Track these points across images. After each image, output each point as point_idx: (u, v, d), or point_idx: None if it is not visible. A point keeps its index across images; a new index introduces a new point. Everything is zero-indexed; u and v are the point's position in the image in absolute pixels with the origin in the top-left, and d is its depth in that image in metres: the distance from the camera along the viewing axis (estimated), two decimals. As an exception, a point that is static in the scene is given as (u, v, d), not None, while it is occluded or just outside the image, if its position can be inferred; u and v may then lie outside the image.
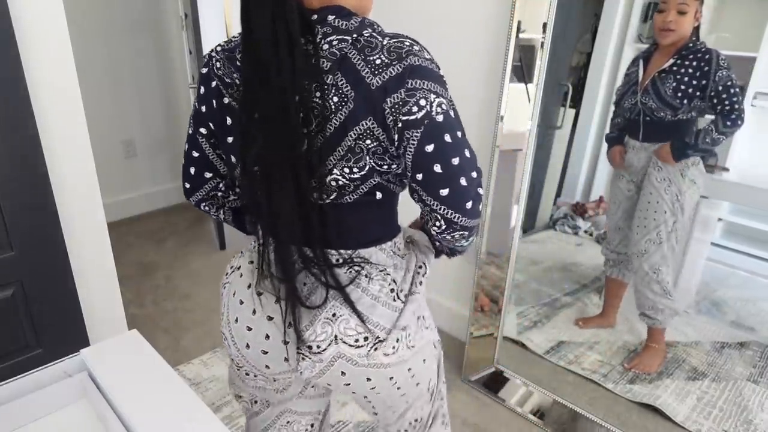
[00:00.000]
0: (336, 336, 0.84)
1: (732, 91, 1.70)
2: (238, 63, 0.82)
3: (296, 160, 0.76)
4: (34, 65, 1.45)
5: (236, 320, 0.91)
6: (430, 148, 0.76)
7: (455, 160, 0.77)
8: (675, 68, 1.75)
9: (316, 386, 1.05)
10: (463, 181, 0.78)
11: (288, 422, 1.06)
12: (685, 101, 1.75)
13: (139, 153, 3.41)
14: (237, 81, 0.82)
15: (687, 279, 2.34)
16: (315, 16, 0.78)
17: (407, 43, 0.77)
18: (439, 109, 0.75)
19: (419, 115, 0.75)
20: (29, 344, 1.61)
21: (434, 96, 0.75)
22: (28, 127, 1.44)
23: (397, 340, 0.87)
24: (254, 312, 0.89)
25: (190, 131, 0.92)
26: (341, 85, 0.76)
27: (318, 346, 0.85)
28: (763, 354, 2.21)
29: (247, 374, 0.96)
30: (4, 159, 1.42)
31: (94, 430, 0.88)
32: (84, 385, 0.93)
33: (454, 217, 0.81)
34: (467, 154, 0.79)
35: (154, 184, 3.54)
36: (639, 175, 1.97)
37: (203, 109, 0.87)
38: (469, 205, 0.80)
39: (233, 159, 0.87)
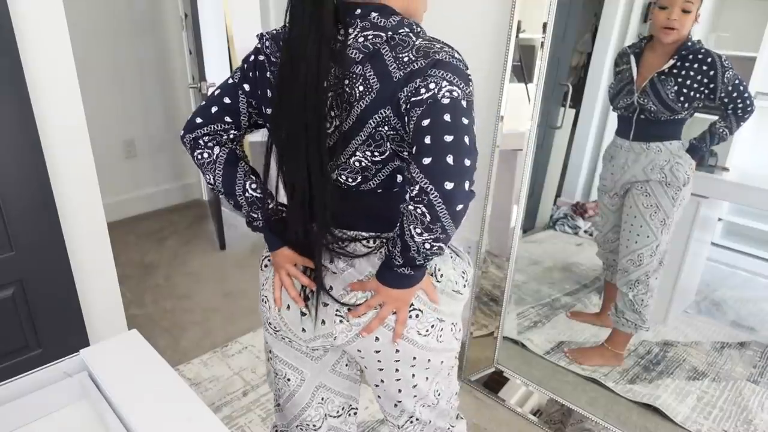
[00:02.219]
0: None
1: (742, 88, 1.69)
2: (281, 44, 0.89)
3: (310, 140, 0.83)
4: (34, 65, 1.45)
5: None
6: (426, 122, 0.78)
7: (447, 138, 0.77)
8: (675, 70, 1.71)
9: (349, 363, 1.11)
10: (449, 159, 0.77)
11: (323, 399, 1.12)
12: (687, 104, 1.73)
13: (139, 153, 3.41)
14: (276, 62, 0.89)
15: (687, 279, 2.34)
16: (359, 11, 0.84)
17: (438, 46, 0.82)
18: (447, 94, 0.78)
19: (425, 96, 0.78)
20: (29, 344, 1.61)
21: (446, 83, 0.78)
22: (28, 127, 1.44)
23: (432, 326, 0.95)
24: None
25: (231, 81, 0.96)
26: (368, 75, 0.81)
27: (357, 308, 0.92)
28: (763, 354, 2.21)
29: (283, 339, 1.02)
30: (4, 159, 1.42)
31: (94, 430, 0.88)
32: (84, 385, 0.93)
33: (428, 188, 0.78)
34: (465, 140, 0.78)
35: (154, 184, 3.54)
36: (621, 187, 1.94)
37: (250, 74, 0.94)
38: (448, 186, 0.77)
39: (268, 126, 0.95)
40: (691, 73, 1.70)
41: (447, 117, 0.78)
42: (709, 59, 1.68)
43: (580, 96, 3.06)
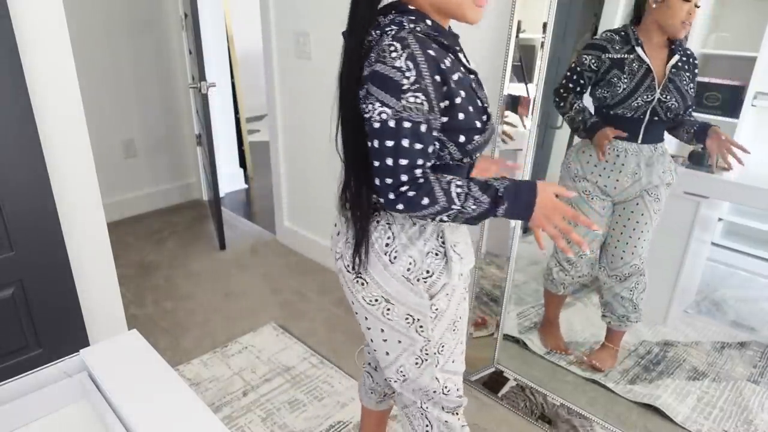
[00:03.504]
0: (342, 254, 1.09)
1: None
2: None
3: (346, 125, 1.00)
4: (34, 65, 1.45)
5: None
6: (369, 142, 0.94)
7: (375, 162, 0.93)
8: (680, 63, 1.67)
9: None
10: (377, 181, 0.94)
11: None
12: (691, 98, 1.70)
13: (139, 153, 3.41)
14: None
15: (687, 279, 2.33)
16: (393, 10, 0.97)
17: (392, 48, 0.89)
18: (377, 117, 0.90)
19: (366, 116, 0.93)
20: (29, 344, 1.61)
21: (379, 105, 0.90)
22: (28, 127, 1.44)
23: (377, 300, 1.07)
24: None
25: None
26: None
27: (335, 256, 1.12)
28: (763, 354, 2.21)
29: None
30: (4, 159, 1.42)
31: (94, 430, 0.88)
32: (84, 385, 0.93)
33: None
34: (388, 162, 0.91)
35: (154, 184, 3.54)
36: (628, 194, 1.82)
37: None
38: (381, 199, 0.95)
39: None
40: (690, 66, 1.67)
41: (375, 143, 0.91)
42: (692, 52, 1.68)
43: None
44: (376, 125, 0.90)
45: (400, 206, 0.94)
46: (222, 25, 3.61)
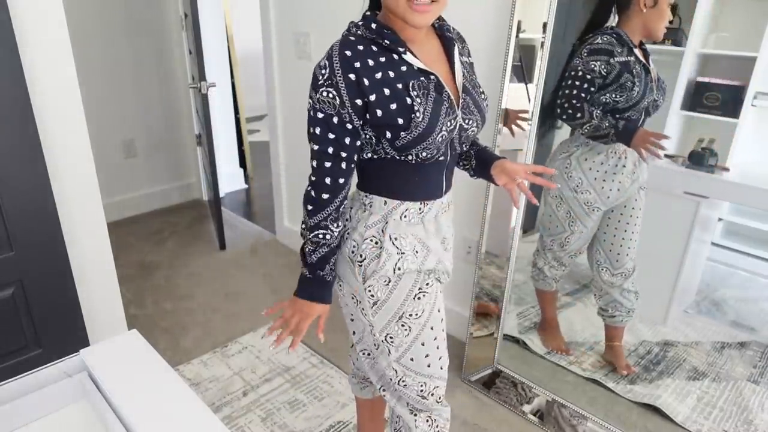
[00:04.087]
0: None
1: None
2: None
3: None
4: (34, 65, 1.45)
5: None
6: None
7: (312, 146, 1.05)
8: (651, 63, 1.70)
9: None
10: (313, 162, 1.05)
11: None
12: None
13: (139, 153, 3.41)
14: None
15: (687, 279, 2.33)
16: None
17: (328, 50, 1.01)
18: (308, 106, 1.04)
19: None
20: (29, 344, 1.61)
21: (309, 98, 1.03)
22: (28, 127, 1.44)
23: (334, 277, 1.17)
24: None
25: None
26: None
27: None
28: (763, 354, 2.21)
29: None
30: (4, 159, 1.42)
31: (94, 430, 0.88)
32: (84, 385, 0.93)
33: None
34: (314, 147, 1.04)
35: (154, 184, 3.54)
36: (625, 192, 1.82)
37: None
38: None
39: None
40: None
41: (309, 128, 1.04)
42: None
43: (580, 96, 3.06)
44: (308, 114, 1.04)
45: (308, 188, 1.08)
46: (222, 25, 3.61)
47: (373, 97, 0.99)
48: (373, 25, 1.02)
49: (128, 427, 0.83)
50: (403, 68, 1.01)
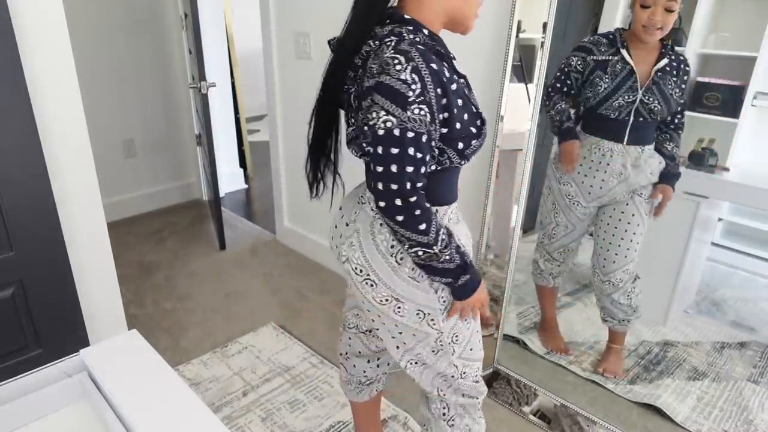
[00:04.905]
0: (348, 258, 1.11)
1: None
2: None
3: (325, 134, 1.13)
4: (34, 65, 1.45)
5: (333, 219, 1.21)
6: (369, 149, 0.96)
7: (378, 168, 0.95)
8: (668, 68, 1.69)
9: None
10: (379, 186, 0.95)
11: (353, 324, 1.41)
12: (679, 103, 1.72)
13: (139, 153, 3.41)
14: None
15: (687, 279, 2.33)
16: (388, 21, 1.00)
17: (396, 61, 0.91)
18: (382, 125, 0.92)
19: (369, 123, 0.94)
20: (29, 344, 1.61)
21: (384, 113, 0.92)
22: (28, 127, 1.44)
23: (387, 300, 1.09)
24: (340, 218, 1.18)
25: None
26: (357, 78, 1.01)
27: (341, 259, 1.13)
28: (763, 354, 2.21)
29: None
30: (4, 159, 1.42)
31: (94, 430, 0.88)
32: (84, 385, 0.93)
33: (373, 202, 1.02)
34: (393, 168, 0.93)
35: (154, 184, 3.54)
36: (615, 195, 1.82)
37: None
38: (381, 204, 0.97)
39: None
40: (680, 73, 1.68)
41: (379, 149, 0.93)
42: (685, 59, 1.68)
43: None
44: (381, 132, 0.92)
45: (400, 217, 0.96)
46: (222, 25, 3.61)
47: (455, 111, 0.96)
48: (426, 31, 0.98)
49: (128, 427, 0.83)
50: (455, 75, 1.01)
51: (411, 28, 0.97)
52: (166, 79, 3.41)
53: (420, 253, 1.00)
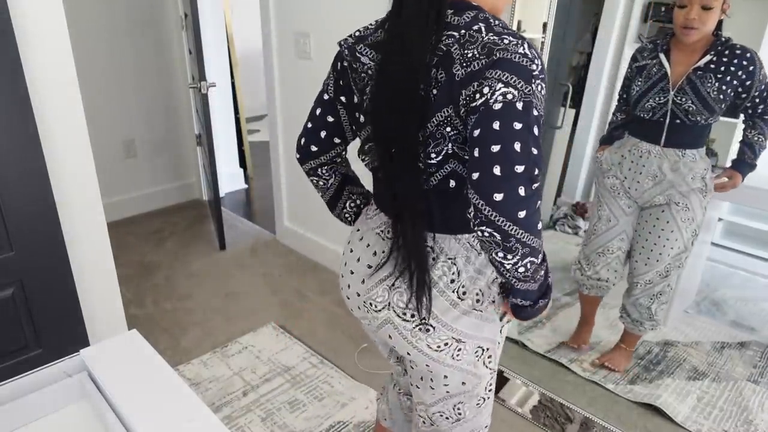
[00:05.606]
0: (389, 303, 0.95)
1: None
2: (357, 53, 0.92)
3: (411, 142, 0.84)
4: (34, 65, 1.45)
5: (345, 264, 1.04)
6: (476, 132, 0.76)
7: (495, 147, 0.74)
8: (713, 66, 1.64)
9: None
10: (496, 170, 0.74)
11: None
12: (725, 102, 1.66)
13: (139, 153, 3.41)
14: (358, 68, 0.92)
15: (687, 279, 2.34)
16: (450, 11, 0.82)
17: (506, 42, 0.76)
18: (500, 98, 0.74)
19: (479, 102, 0.76)
20: (29, 344, 1.61)
21: (501, 85, 0.74)
22: (28, 127, 1.44)
23: (446, 344, 0.95)
24: (356, 260, 1.02)
25: (327, 97, 1.00)
26: (440, 78, 0.80)
27: (375, 306, 0.97)
28: (763, 354, 2.21)
29: (351, 310, 1.07)
30: (4, 159, 1.42)
31: (94, 430, 0.88)
32: (84, 385, 0.93)
33: (480, 204, 0.75)
34: (516, 147, 0.74)
35: (154, 184, 3.54)
36: (651, 196, 1.82)
37: (340, 82, 0.97)
38: (498, 197, 0.74)
39: (361, 132, 0.97)
40: (731, 69, 1.63)
41: (496, 125, 0.74)
42: (748, 54, 1.63)
43: (580, 96, 3.07)
44: (498, 106, 0.74)
45: (522, 213, 0.75)
46: (222, 25, 3.61)
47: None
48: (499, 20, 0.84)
49: (128, 427, 0.83)
50: None
51: (491, 15, 0.83)
52: (166, 79, 3.41)
53: (529, 265, 0.79)
